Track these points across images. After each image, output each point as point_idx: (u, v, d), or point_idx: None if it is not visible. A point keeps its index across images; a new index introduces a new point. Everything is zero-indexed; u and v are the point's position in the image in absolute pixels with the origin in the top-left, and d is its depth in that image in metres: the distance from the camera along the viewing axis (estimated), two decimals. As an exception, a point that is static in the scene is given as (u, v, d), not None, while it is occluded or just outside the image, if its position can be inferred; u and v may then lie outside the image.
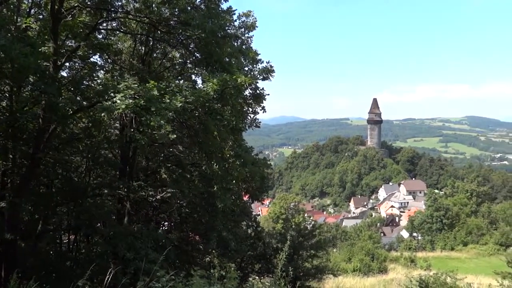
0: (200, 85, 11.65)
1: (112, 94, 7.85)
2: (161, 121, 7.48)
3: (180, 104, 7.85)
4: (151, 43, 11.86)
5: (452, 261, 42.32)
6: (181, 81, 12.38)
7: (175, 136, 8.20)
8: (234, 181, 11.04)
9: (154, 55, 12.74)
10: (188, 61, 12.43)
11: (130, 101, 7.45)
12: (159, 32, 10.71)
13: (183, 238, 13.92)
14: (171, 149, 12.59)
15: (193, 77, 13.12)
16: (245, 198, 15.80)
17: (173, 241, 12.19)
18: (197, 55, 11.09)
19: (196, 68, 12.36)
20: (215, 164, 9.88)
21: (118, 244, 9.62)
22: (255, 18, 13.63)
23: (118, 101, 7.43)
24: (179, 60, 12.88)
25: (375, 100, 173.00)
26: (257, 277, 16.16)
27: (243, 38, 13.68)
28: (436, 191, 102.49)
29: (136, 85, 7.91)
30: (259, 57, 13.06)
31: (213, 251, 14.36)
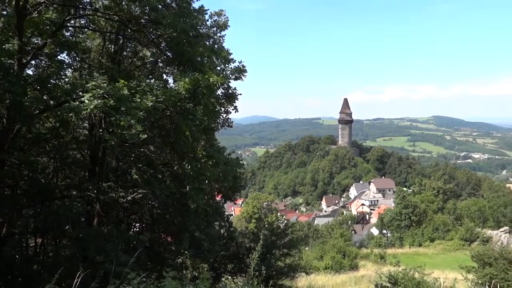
0: (171, 85, 11.54)
1: (80, 93, 7.67)
2: (132, 121, 7.37)
3: (151, 104, 7.75)
4: (121, 41, 11.64)
5: (420, 257, 43.53)
6: (152, 80, 12.22)
7: (146, 136, 8.09)
8: (206, 181, 10.99)
9: (124, 53, 12.51)
10: (159, 60, 12.28)
11: (99, 100, 7.30)
12: (129, 30, 10.53)
13: (155, 239, 13.75)
14: (142, 149, 12.40)
15: (165, 76, 13.00)
16: (218, 198, 15.75)
17: (145, 243, 12.03)
18: (169, 54, 10.97)
19: (168, 67, 12.24)
20: (187, 164, 9.81)
21: (87, 247, 9.41)
22: (227, 18, 13.62)
23: (87, 101, 7.27)
24: (150, 59, 12.69)
25: (346, 100, 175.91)
26: (230, 277, 16.14)
27: (215, 37, 13.64)
28: (405, 189, 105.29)
29: (105, 84, 7.74)
30: (231, 57, 13.05)
31: (186, 252, 14.26)
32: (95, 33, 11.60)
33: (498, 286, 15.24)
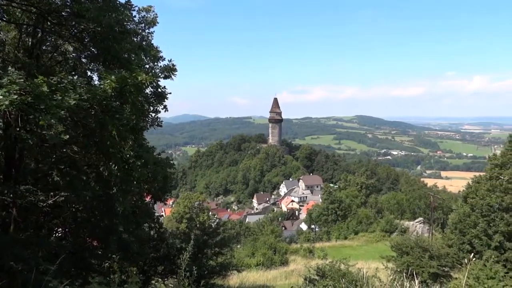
0: (96, 82, 11.02)
1: (-7, 90, 7.06)
2: (52, 120, 6.93)
3: (74, 102, 7.35)
4: (39, 34, 10.87)
5: (345, 249, 45.95)
6: (75, 77, 11.58)
7: (68, 136, 7.66)
8: (135, 182, 10.65)
9: (44, 47, 11.70)
10: (83, 56, 11.66)
11: (15, 97, 6.78)
12: (49, 23, 9.87)
13: (79, 244, 13.05)
14: (64, 150, 11.70)
15: (89, 73, 12.35)
16: (147, 199, 15.34)
17: (68, 248, 11.38)
18: (93, 49, 10.46)
19: (92, 64, 11.66)
20: (114, 165, 9.45)
21: (2, 255, 8.70)
22: (156, 14, 13.28)
23: (1, 97, 6.71)
24: (73, 54, 12.00)
25: (275, 100, 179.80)
26: (160, 279, 15.83)
27: (143, 34, 13.25)
28: (331, 185, 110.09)
29: (22, 80, 7.21)
30: (160, 55, 12.77)
31: (113, 255, 13.72)
32: (10, 24, 10.72)
33: (414, 273, 16.54)
